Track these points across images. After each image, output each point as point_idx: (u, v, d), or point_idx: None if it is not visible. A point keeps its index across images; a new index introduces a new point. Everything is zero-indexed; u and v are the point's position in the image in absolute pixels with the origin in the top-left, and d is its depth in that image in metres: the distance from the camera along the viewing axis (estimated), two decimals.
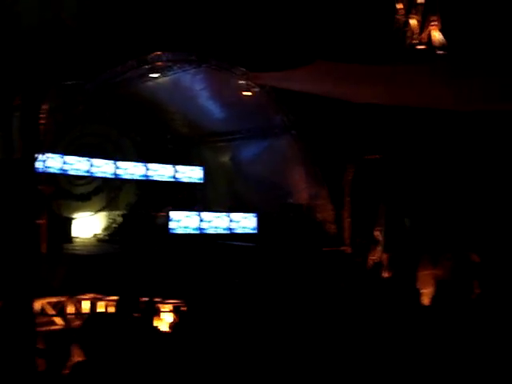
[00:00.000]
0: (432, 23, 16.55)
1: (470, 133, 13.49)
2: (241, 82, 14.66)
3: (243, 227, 16.71)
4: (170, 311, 8.17)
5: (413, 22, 16.80)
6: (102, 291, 9.23)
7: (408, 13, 16.86)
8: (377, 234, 13.91)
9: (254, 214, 16.89)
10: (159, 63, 14.88)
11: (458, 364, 4.56)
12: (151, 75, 15.27)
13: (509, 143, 12.96)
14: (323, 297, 6.52)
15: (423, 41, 16.52)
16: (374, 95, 11.39)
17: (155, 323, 6.22)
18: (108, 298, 8.89)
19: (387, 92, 10.91)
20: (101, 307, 8.97)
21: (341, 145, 15.31)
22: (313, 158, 16.87)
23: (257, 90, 15.12)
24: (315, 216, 16.67)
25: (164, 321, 7.51)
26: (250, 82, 14.60)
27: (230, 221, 16.60)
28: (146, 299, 6.41)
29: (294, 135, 17.09)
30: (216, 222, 16.30)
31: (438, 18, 16.54)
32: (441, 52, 15.62)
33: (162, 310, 7.92)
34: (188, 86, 16.48)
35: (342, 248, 14.75)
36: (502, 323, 5.14)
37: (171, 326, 6.18)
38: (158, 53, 14.61)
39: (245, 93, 14.64)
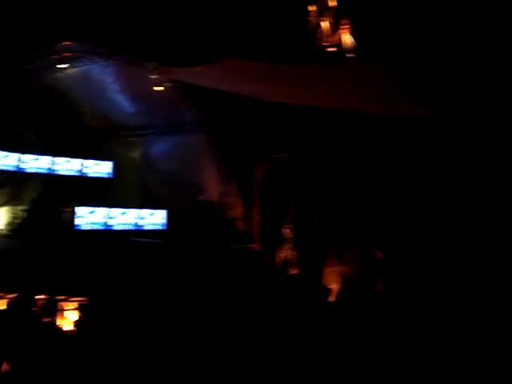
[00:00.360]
0: (343, 26, 16.87)
1: (376, 132, 13.90)
2: (152, 76, 14.44)
3: (152, 224, 16.52)
4: (74, 309, 7.96)
5: (324, 24, 17.05)
6: (3, 289, 8.89)
7: (320, 15, 17.11)
8: (286, 231, 14.09)
9: (164, 211, 16.73)
10: (68, 54, 14.47)
11: (362, 358, 4.69)
12: (59, 66, 14.81)
13: (413, 142, 13.45)
14: (231, 294, 6.54)
15: (334, 43, 16.81)
16: (283, 94, 11.53)
17: (58, 321, 6.05)
18: (9, 296, 8.56)
19: (296, 92, 11.07)
20: (1, 305, 8.63)
21: (251, 143, 15.42)
22: (224, 155, 16.89)
23: (168, 85, 14.95)
24: (225, 213, 16.70)
25: (68, 319, 7.31)
26: (161, 77, 14.41)
27: (139, 217, 16.36)
28: (47, 297, 6.22)
29: (205, 132, 17.04)
30: (124, 219, 16.01)
31: (349, 22, 16.88)
32: (351, 55, 15.97)
33: (65, 308, 7.71)
34: (98, 79, 16.09)
35: (252, 245, 14.86)
36: (405, 319, 5.33)
37: (75, 323, 6.04)
38: (67, 43, 14.19)
39: (156, 88, 14.43)
